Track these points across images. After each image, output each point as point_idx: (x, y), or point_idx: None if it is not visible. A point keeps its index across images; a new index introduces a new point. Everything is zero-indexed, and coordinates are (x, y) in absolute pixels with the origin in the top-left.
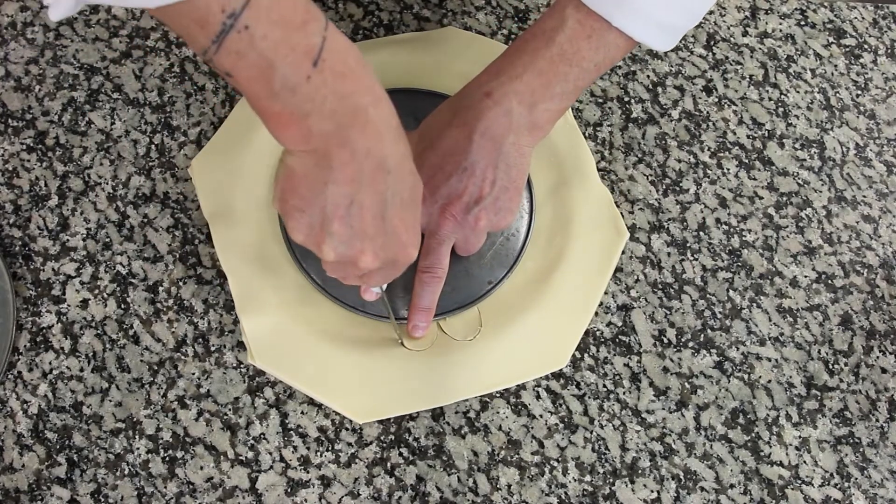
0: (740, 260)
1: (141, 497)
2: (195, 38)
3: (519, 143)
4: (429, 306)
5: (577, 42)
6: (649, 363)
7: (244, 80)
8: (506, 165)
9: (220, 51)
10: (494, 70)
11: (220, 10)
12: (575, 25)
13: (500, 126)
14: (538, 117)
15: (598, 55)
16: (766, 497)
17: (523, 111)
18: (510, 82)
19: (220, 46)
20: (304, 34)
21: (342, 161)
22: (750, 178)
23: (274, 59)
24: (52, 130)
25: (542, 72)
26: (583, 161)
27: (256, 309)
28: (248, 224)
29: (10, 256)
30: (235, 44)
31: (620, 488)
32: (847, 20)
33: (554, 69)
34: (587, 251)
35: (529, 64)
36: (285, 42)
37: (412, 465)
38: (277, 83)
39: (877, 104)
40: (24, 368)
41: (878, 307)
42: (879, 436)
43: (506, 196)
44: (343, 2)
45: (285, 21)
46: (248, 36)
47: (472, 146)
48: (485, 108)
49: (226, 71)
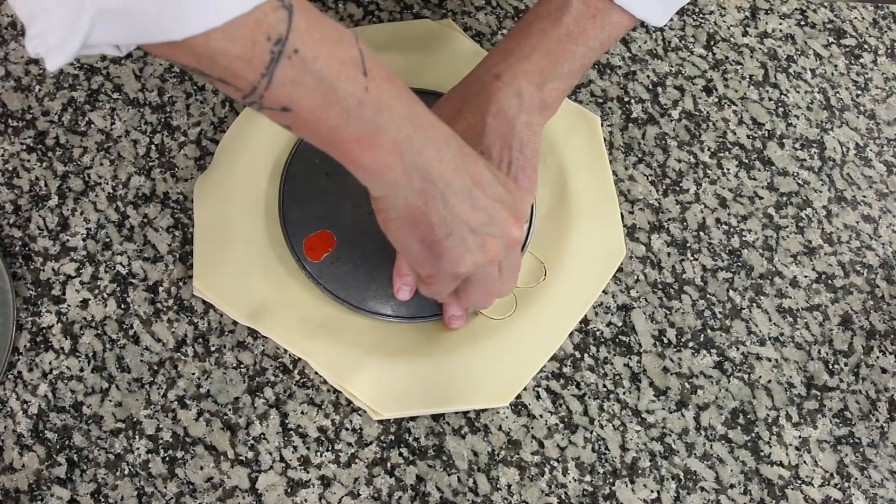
0: (740, 260)
1: (141, 497)
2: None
3: (531, 122)
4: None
5: (583, 22)
6: (649, 363)
7: (307, 110)
8: (520, 145)
9: (272, 84)
10: (501, 52)
11: (266, 37)
12: (580, 5)
13: (512, 107)
14: (547, 96)
15: (602, 34)
16: (766, 497)
17: (533, 91)
18: (519, 63)
19: (271, 79)
20: (345, 48)
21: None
22: (750, 178)
23: (332, 79)
24: (52, 130)
25: (550, 52)
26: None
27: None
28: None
29: (10, 256)
30: (288, 72)
31: (620, 488)
32: (847, 20)
33: (561, 49)
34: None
35: (537, 45)
36: (335, 59)
37: (412, 465)
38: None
39: (877, 104)
40: (24, 368)
41: (878, 307)
42: (879, 436)
43: (523, 175)
44: (343, 2)
45: (327, 38)
46: (299, 60)
47: (486, 129)
48: (495, 90)
49: (282, 106)
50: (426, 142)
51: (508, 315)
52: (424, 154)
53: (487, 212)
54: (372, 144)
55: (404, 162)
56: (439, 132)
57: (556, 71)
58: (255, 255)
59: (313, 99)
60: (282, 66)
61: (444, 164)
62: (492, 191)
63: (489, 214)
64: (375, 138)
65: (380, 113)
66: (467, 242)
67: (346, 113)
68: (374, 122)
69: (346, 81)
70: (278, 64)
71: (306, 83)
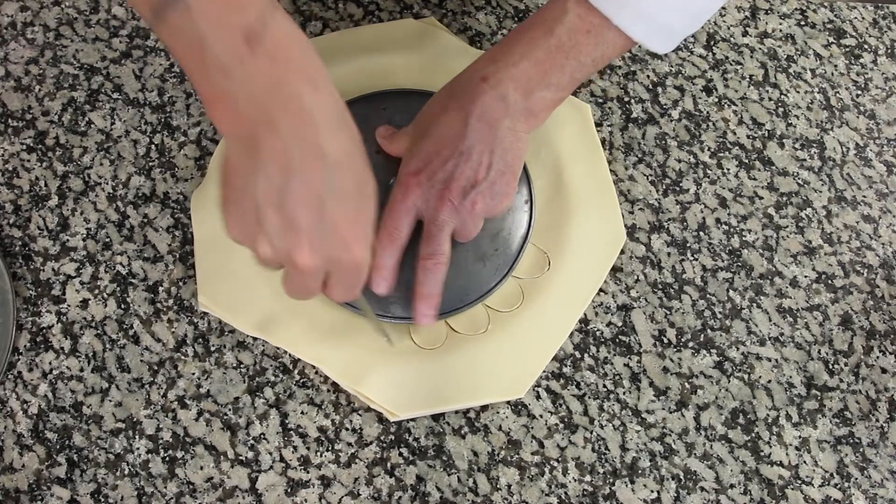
0: (740, 260)
1: (141, 497)
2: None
3: (515, 128)
4: (432, 293)
5: (576, 36)
6: (649, 363)
7: (179, 55)
8: (502, 150)
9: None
10: (491, 56)
11: None
12: (575, 19)
13: (496, 110)
14: (534, 104)
15: (595, 51)
16: (766, 497)
17: (519, 97)
18: (506, 68)
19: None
20: (243, 16)
21: (271, 147)
22: (750, 178)
23: (207, 37)
24: (52, 130)
25: (539, 61)
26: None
27: None
28: None
29: (10, 256)
30: (174, 18)
31: (620, 488)
32: (847, 20)
33: (551, 59)
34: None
35: (527, 52)
36: (222, 21)
37: (412, 465)
38: (209, 62)
39: (877, 104)
40: (24, 368)
41: (878, 307)
42: (879, 436)
43: (502, 180)
44: (343, 2)
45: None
46: (185, 11)
47: (468, 130)
48: (480, 92)
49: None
50: (272, 129)
51: (516, 307)
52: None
53: (288, 223)
54: (217, 103)
55: (239, 130)
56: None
57: (543, 80)
58: (258, 266)
59: (188, 49)
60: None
61: (276, 156)
62: (307, 213)
63: (287, 226)
64: (222, 101)
65: (240, 85)
66: (247, 220)
67: (209, 74)
68: (229, 88)
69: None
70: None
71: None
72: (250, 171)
